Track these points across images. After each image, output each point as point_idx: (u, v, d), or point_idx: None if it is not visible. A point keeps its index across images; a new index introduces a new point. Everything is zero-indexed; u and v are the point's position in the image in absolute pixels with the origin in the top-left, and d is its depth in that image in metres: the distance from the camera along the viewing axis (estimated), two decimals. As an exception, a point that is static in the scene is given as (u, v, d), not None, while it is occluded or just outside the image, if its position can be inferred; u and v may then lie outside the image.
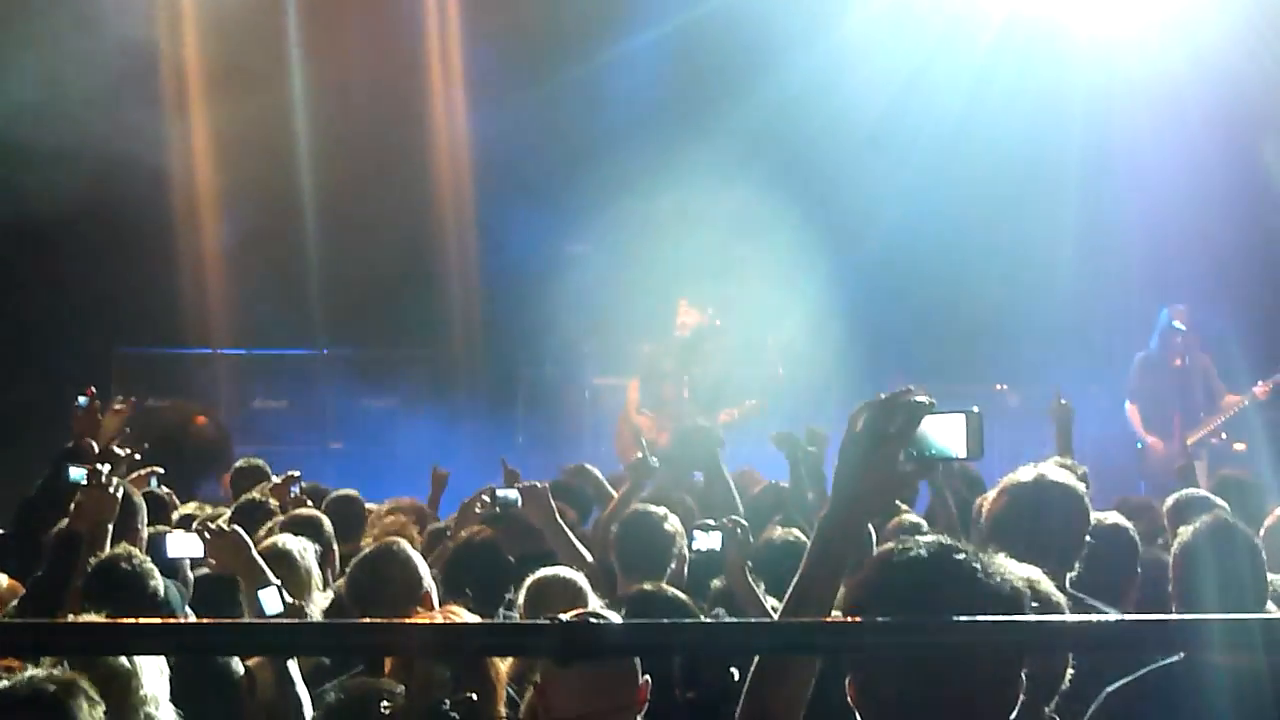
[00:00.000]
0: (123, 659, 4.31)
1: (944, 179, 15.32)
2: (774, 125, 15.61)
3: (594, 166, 15.16)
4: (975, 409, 3.08)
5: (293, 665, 4.99)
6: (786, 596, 3.14)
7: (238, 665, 4.97)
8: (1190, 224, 14.82)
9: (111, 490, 6.50)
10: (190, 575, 6.93)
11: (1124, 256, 15.46)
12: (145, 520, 6.95)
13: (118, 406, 8.72)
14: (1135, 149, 14.80)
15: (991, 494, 5.32)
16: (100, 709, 3.84)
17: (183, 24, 14.89)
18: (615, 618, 4.36)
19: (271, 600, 5.55)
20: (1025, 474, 5.21)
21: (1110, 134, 15.04)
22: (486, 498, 7.98)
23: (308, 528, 7.43)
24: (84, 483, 6.50)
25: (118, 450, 7.84)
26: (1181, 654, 4.52)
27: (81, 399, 8.02)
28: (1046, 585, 4.18)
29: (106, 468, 6.69)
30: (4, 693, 3.63)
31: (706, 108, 15.86)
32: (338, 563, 7.37)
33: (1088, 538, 5.18)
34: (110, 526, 6.47)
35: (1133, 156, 14.90)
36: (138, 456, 8.44)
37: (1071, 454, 8.24)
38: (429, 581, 6.03)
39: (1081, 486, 5.32)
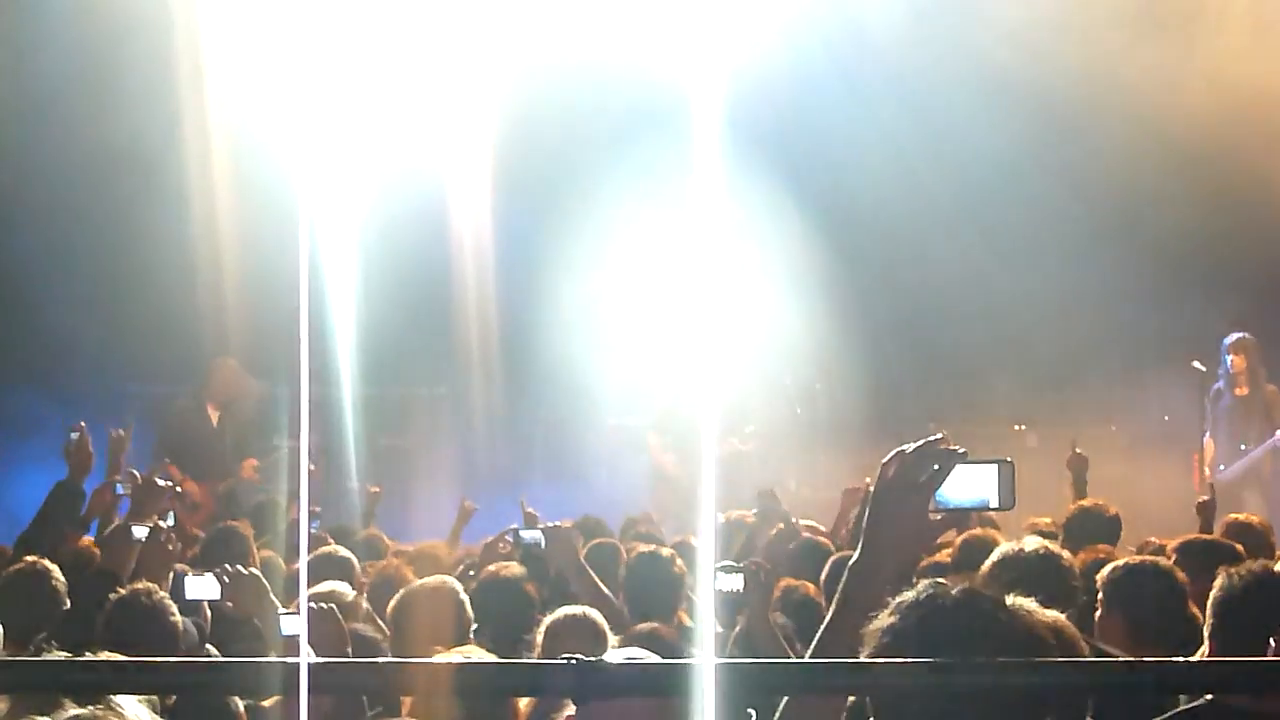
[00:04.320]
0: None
1: (964, 220, 15.32)
2: (786, 166, 15.63)
3: (612, 206, 15.18)
4: (1009, 459, 3.06)
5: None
6: (813, 643, 3.12)
7: (238, 706, 4.94)
8: (1211, 259, 14.76)
9: (171, 547, 6.66)
10: (209, 612, 6.94)
11: (1144, 296, 15.40)
12: None
13: (118, 434, 8.70)
14: (1155, 184, 14.76)
15: (984, 570, 5.42)
16: None
17: (197, 35, 14.95)
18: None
19: (293, 625, 5.58)
20: (1006, 549, 5.36)
21: (1130, 170, 15.00)
22: (510, 538, 7.96)
23: (338, 567, 7.42)
24: (145, 540, 6.69)
25: (160, 482, 7.94)
26: (1208, 698, 4.47)
27: (73, 434, 8.06)
28: (1071, 630, 4.15)
29: (168, 523, 6.87)
30: None
31: (722, 140, 15.88)
32: (364, 603, 7.37)
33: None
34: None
35: (1153, 194, 14.85)
36: (178, 489, 8.54)
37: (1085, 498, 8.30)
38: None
39: (1065, 553, 5.49)
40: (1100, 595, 5.51)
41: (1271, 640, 4.51)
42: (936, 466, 3.04)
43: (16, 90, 14.23)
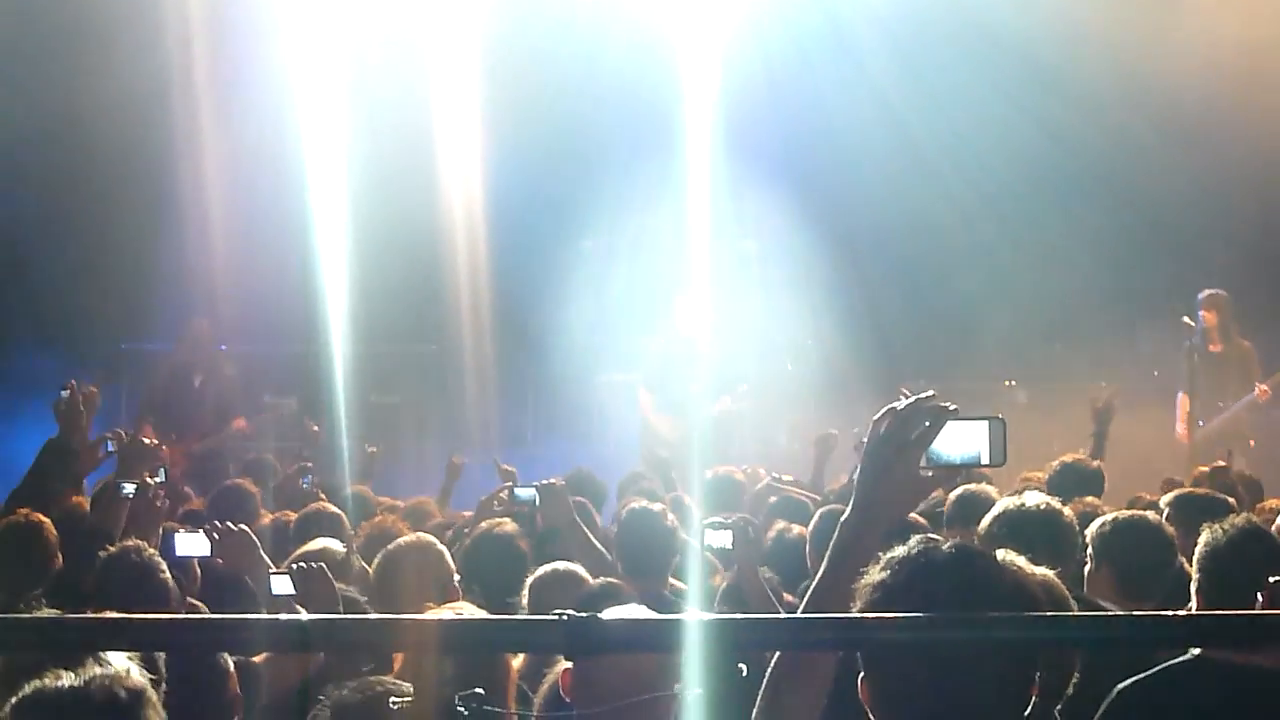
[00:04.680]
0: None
1: (955, 175, 15.30)
2: (779, 122, 15.60)
3: (603, 164, 15.15)
4: (999, 416, 3.07)
5: None
6: (804, 601, 3.13)
7: (227, 662, 4.95)
8: (1205, 216, 14.74)
9: (159, 503, 6.65)
10: (198, 570, 6.94)
11: (1134, 252, 15.39)
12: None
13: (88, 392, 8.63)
14: (1143, 142, 14.74)
15: (985, 523, 5.43)
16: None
17: (192, 28, 14.89)
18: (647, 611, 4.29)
19: (282, 584, 5.59)
20: (1008, 504, 5.37)
21: (1117, 127, 14.98)
22: (505, 495, 7.95)
23: (329, 523, 7.43)
24: (133, 496, 6.71)
25: (146, 441, 7.97)
26: (1195, 651, 4.49)
27: (63, 392, 8.03)
28: (1060, 587, 4.17)
29: (157, 479, 6.90)
30: (76, 692, 3.47)
31: (715, 102, 15.86)
32: (358, 560, 7.38)
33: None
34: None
35: (1143, 150, 14.84)
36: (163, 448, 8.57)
37: (1103, 454, 8.30)
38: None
39: (1068, 510, 5.48)
40: (1090, 549, 5.54)
41: (1259, 595, 4.52)
42: (928, 423, 3.05)
43: (9, 53, 14.16)
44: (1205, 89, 14.12)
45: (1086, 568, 5.55)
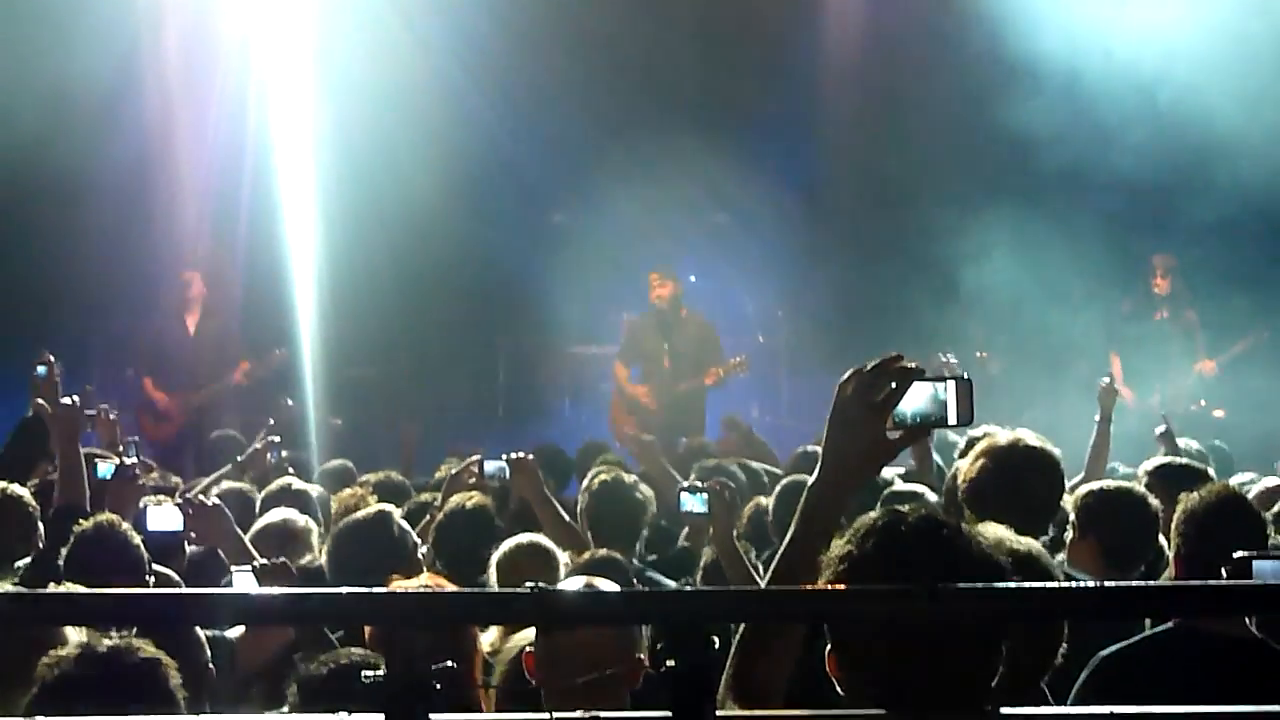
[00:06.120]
0: None
1: (923, 146, 15.32)
2: (754, 92, 15.60)
3: (575, 135, 15.12)
4: (965, 375, 3.06)
5: None
6: (773, 565, 3.13)
7: (201, 636, 4.95)
8: (1178, 189, 14.77)
9: (140, 483, 6.83)
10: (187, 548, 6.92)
11: (1109, 222, 15.41)
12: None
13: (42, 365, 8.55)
14: (1117, 108, 14.75)
15: (969, 459, 5.29)
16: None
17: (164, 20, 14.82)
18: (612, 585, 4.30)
19: (246, 583, 5.58)
20: (1002, 438, 5.19)
21: (1089, 104, 14.99)
22: (475, 469, 7.94)
23: (297, 500, 7.42)
24: (110, 478, 6.73)
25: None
26: (1175, 620, 4.51)
27: (40, 368, 7.93)
28: (1046, 559, 4.15)
29: (132, 460, 6.92)
30: (111, 655, 3.48)
31: (686, 76, 15.85)
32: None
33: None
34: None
35: (1115, 118, 14.85)
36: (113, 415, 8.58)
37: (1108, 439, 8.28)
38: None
39: (1057, 450, 5.32)
40: (1073, 519, 5.45)
41: (1223, 570, 4.53)
42: (894, 385, 3.04)
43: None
44: (1179, 71, 14.16)
45: (1068, 537, 5.47)
